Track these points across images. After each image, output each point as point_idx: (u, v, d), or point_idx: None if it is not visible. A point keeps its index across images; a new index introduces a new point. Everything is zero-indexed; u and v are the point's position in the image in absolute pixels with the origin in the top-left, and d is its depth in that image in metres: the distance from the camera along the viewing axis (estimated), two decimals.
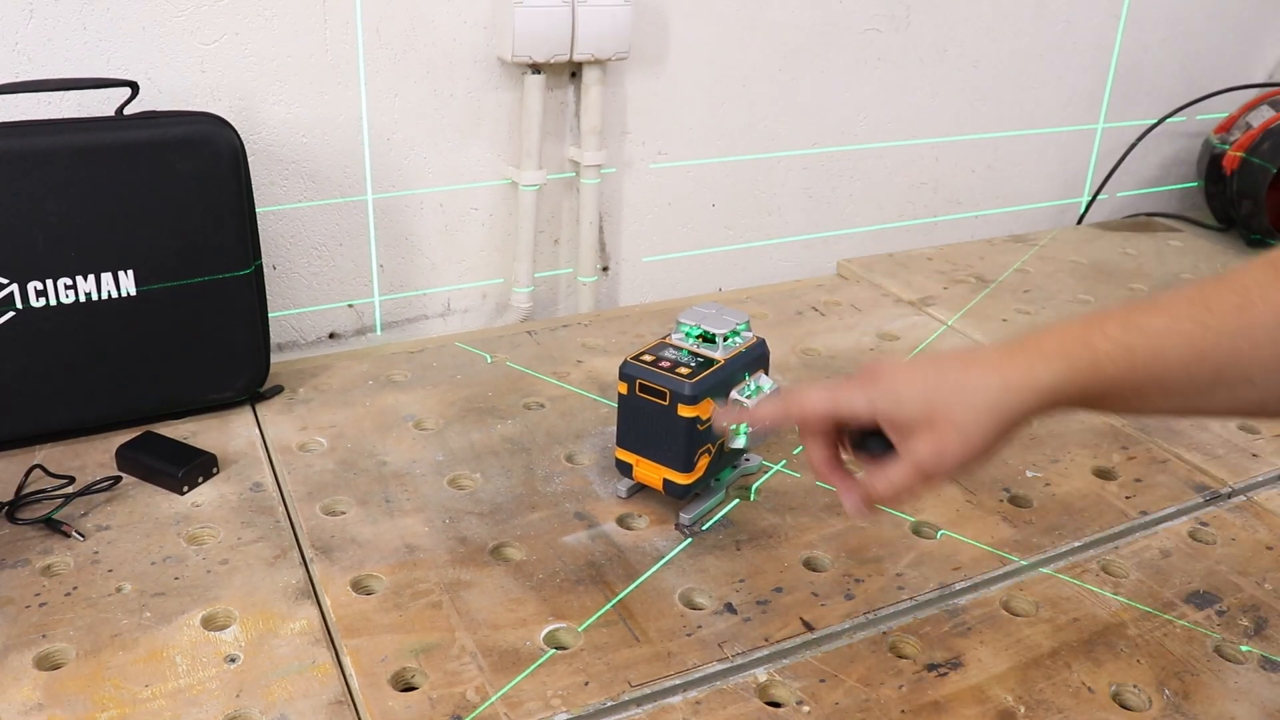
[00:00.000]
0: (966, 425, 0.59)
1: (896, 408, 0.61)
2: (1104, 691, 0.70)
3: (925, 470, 0.60)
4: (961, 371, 0.60)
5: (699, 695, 0.68)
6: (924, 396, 0.60)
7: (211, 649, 0.69)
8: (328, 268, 1.15)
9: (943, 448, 0.59)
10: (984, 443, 0.59)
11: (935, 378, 0.60)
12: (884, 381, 0.62)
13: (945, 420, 0.59)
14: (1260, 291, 0.55)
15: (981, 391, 0.59)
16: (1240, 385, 0.56)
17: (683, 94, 1.27)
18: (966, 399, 0.59)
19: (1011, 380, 0.59)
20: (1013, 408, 0.58)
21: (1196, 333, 0.56)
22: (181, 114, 0.91)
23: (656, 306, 1.27)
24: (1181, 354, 0.56)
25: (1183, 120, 1.67)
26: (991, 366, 0.59)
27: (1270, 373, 0.55)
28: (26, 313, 0.86)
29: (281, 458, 0.91)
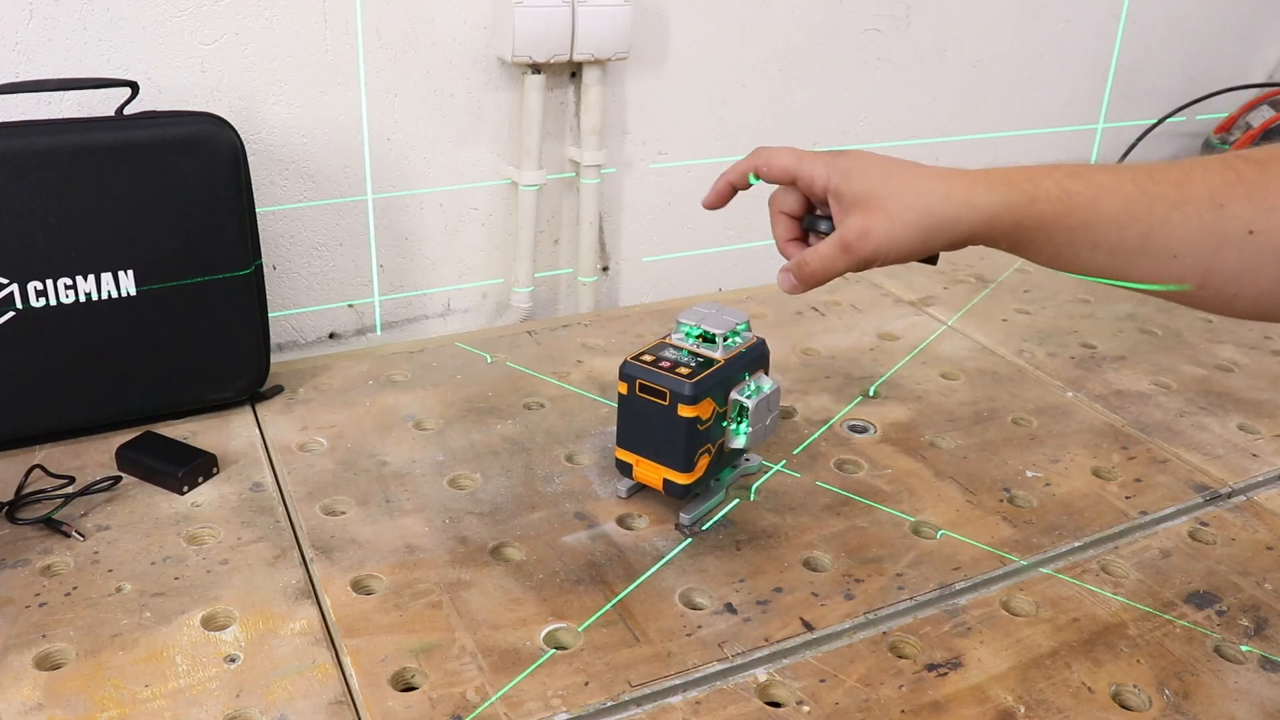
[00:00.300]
0: (896, 214, 0.64)
1: (845, 183, 0.66)
2: (1104, 691, 0.70)
3: (846, 243, 0.66)
4: (914, 172, 0.65)
5: (699, 695, 0.68)
6: (871, 181, 0.65)
7: (211, 649, 0.69)
8: (328, 268, 1.15)
9: (867, 227, 0.64)
10: (907, 237, 0.64)
11: (888, 170, 0.65)
12: (843, 159, 0.67)
13: (879, 206, 0.64)
14: (1202, 174, 0.59)
15: (923, 194, 0.64)
16: (1163, 256, 0.59)
17: (683, 94, 1.27)
18: (906, 195, 0.64)
19: (953, 192, 0.63)
20: (945, 214, 0.63)
21: (1134, 193, 0.60)
22: (181, 114, 0.91)
23: (656, 306, 1.27)
24: (1115, 209, 0.60)
25: (1183, 120, 1.67)
26: (941, 177, 0.64)
27: (1192, 251, 0.58)
28: (26, 313, 0.86)
29: (281, 458, 0.91)
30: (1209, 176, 0.58)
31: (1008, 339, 1.19)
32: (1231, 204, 0.57)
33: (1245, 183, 0.57)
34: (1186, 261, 0.59)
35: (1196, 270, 0.59)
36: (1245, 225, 0.57)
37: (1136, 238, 0.59)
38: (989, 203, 0.62)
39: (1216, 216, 0.57)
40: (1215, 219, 0.57)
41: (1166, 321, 1.25)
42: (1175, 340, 1.21)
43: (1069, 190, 0.61)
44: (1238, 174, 0.58)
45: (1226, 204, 0.57)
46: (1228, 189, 0.58)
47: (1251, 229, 0.57)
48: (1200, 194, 0.58)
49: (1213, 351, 1.18)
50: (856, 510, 0.87)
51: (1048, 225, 0.62)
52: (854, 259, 0.66)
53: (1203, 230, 0.58)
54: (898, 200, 0.64)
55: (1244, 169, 0.58)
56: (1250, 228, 0.57)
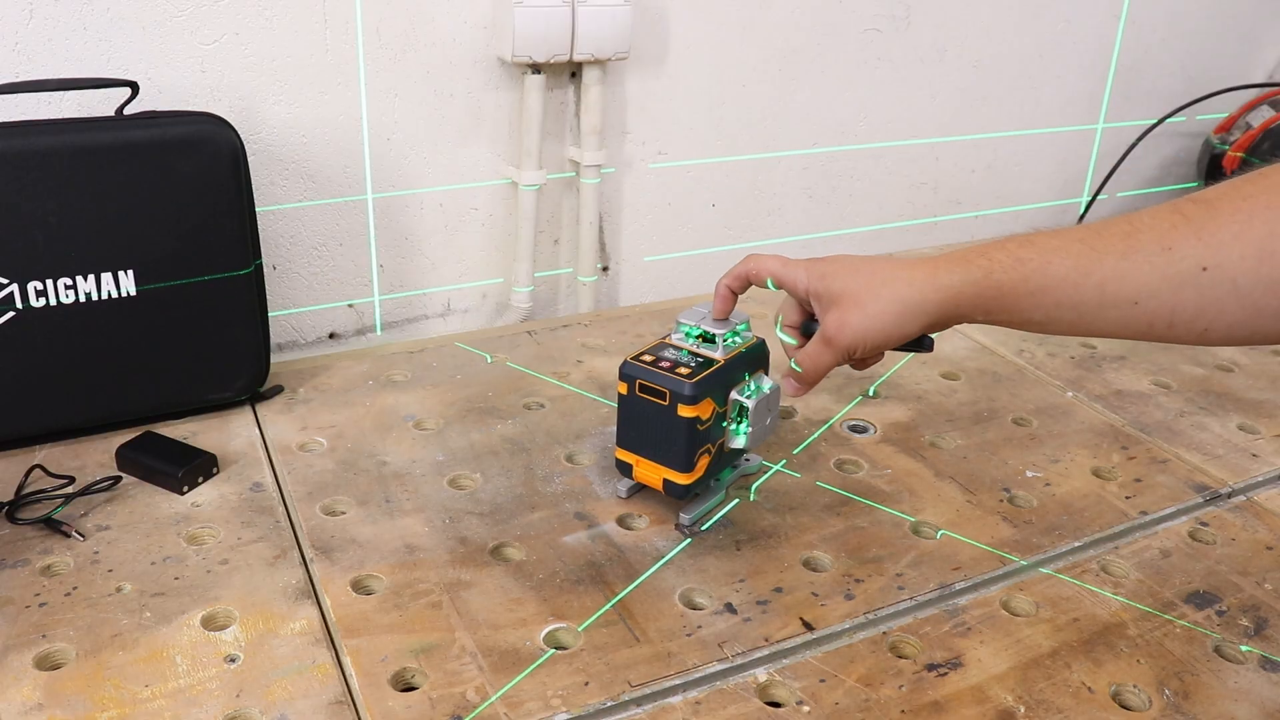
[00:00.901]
0: (868, 305, 0.70)
1: (822, 284, 0.73)
2: (1104, 691, 0.70)
3: (828, 337, 0.72)
4: (883, 267, 0.71)
5: (699, 695, 0.68)
6: (844, 280, 0.72)
7: (211, 649, 0.69)
8: (328, 268, 1.15)
9: (844, 319, 0.71)
10: (881, 323, 0.70)
11: (860, 268, 0.72)
12: (821, 264, 0.74)
13: (853, 300, 0.71)
14: (1150, 223, 0.62)
15: (890, 283, 0.70)
16: (1125, 304, 0.62)
17: (683, 94, 1.27)
18: (875, 287, 0.70)
19: (916, 278, 0.69)
20: (912, 298, 0.69)
21: (1083, 251, 0.63)
22: (181, 114, 0.91)
23: (656, 306, 1.27)
24: (1066, 268, 0.63)
25: (1183, 120, 1.67)
26: (906, 266, 0.71)
27: (1150, 295, 0.61)
28: (26, 313, 0.86)
29: (281, 458, 0.91)
30: (1156, 223, 0.61)
31: (1008, 339, 1.19)
32: (1180, 245, 0.59)
33: (1191, 223, 0.59)
34: (1149, 306, 0.61)
35: (1161, 312, 0.61)
36: (1197, 263, 0.59)
37: (1093, 290, 0.62)
38: (950, 281, 0.68)
39: (1167, 259, 0.60)
40: (1166, 261, 0.60)
41: None
42: None
43: (1020, 258, 0.65)
44: (1184, 216, 0.60)
45: (1175, 246, 0.59)
46: (1174, 231, 0.60)
47: (1204, 265, 0.59)
48: (1148, 241, 0.61)
49: (1213, 351, 1.18)
50: (856, 510, 0.87)
51: (1007, 293, 0.65)
52: (837, 350, 0.72)
53: (1155, 274, 0.60)
54: (868, 293, 0.70)
55: (1190, 210, 0.60)
56: (1203, 264, 0.59)
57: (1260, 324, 0.59)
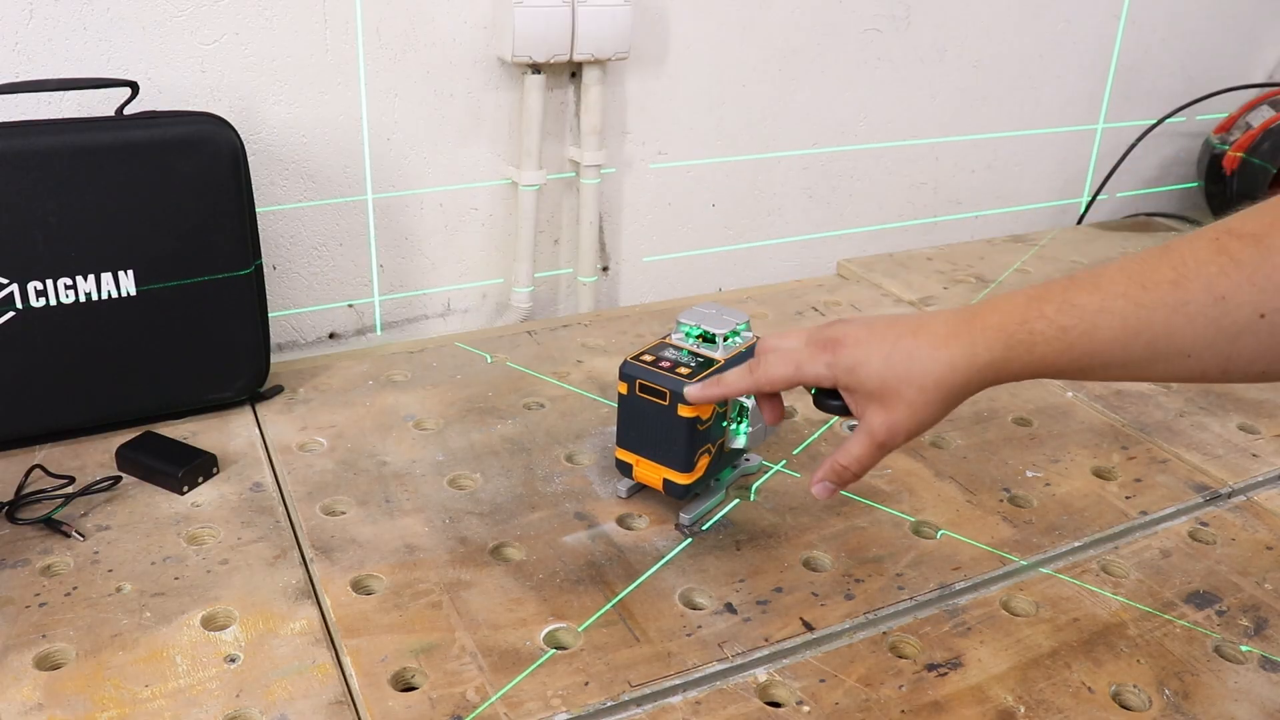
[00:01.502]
0: (916, 402, 0.65)
1: (853, 379, 0.67)
2: (1104, 691, 0.70)
3: (879, 441, 0.67)
4: (911, 345, 0.65)
5: (699, 695, 0.68)
6: (879, 372, 0.66)
7: (211, 649, 0.69)
8: (328, 268, 1.15)
9: (894, 422, 0.66)
10: (931, 416, 0.66)
11: (889, 350, 0.66)
12: (844, 350, 0.67)
13: (896, 396, 0.65)
14: (1196, 267, 0.56)
15: (931, 371, 0.64)
16: (1177, 358, 0.58)
17: (683, 94, 1.27)
18: (917, 378, 0.65)
19: (957, 360, 0.64)
20: (957, 384, 0.64)
21: (1130, 310, 0.58)
22: (181, 114, 0.91)
23: (656, 306, 1.27)
24: (1115, 332, 0.59)
25: (1183, 120, 1.67)
26: (940, 343, 0.64)
27: (1205, 346, 0.57)
28: (26, 313, 0.86)
29: (281, 458, 0.91)
30: (1204, 268, 0.56)
31: None
32: (1234, 294, 0.55)
33: (1243, 268, 0.55)
34: (1203, 357, 0.57)
35: (1214, 363, 0.57)
36: (1254, 310, 0.55)
37: (1143, 350, 0.59)
38: (990, 360, 0.63)
39: (1221, 310, 0.56)
40: (1220, 312, 0.56)
41: None
42: None
43: (1062, 327, 0.61)
44: (1232, 259, 0.56)
45: (1228, 294, 0.55)
46: (1225, 278, 0.55)
47: (1262, 313, 0.55)
48: (1198, 291, 0.56)
49: None
50: (856, 510, 0.87)
51: (1053, 363, 0.62)
52: (888, 450, 0.68)
53: (1210, 327, 0.56)
54: (909, 385, 0.65)
55: (1238, 251, 0.56)
56: (1260, 312, 0.55)
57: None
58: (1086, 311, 0.60)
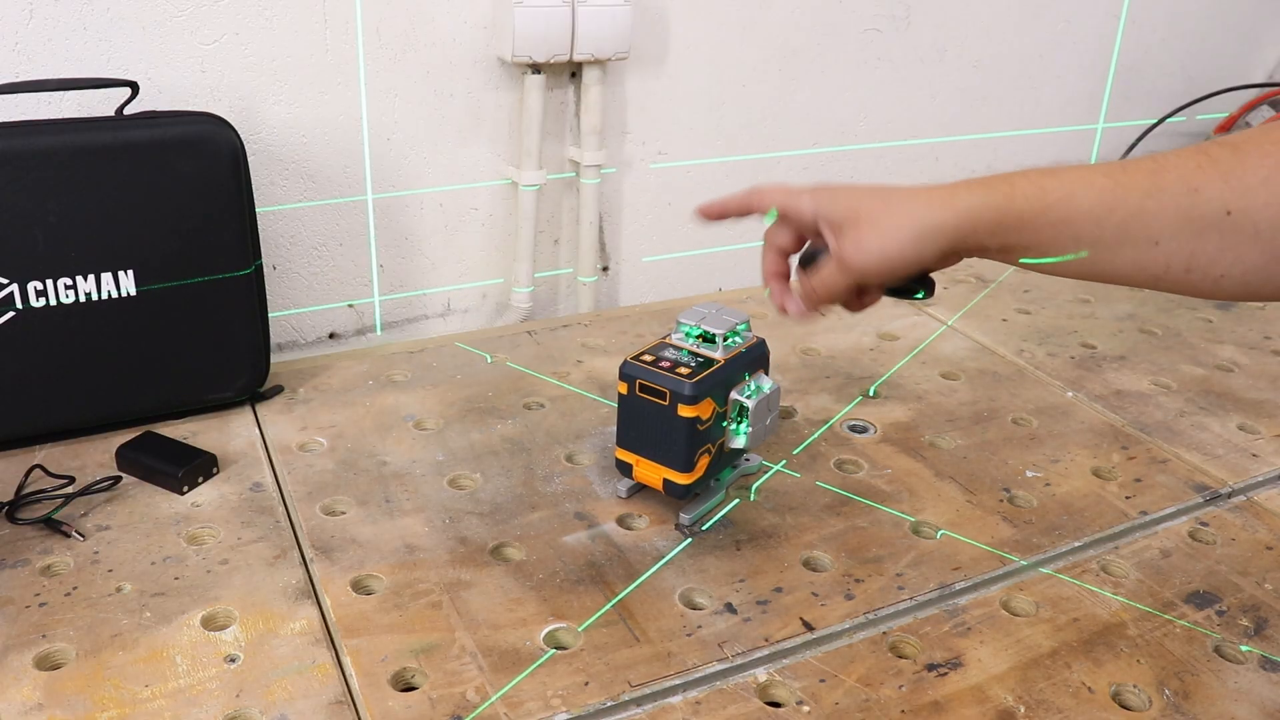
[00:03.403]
0: (885, 226, 0.66)
1: (832, 206, 0.69)
2: (1104, 691, 0.70)
3: (844, 260, 0.68)
4: (897, 191, 0.68)
5: (699, 695, 0.68)
6: (856, 200, 0.68)
7: (211, 649, 0.69)
8: (328, 268, 1.15)
9: (860, 241, 0.67)
10: (899, 245, 0.66)
11: (872, 190, 0.69)
12: (828, 188, 0.70)
13: (868, 220, 0.67)
14: (1175, 161, 0.60)
15: (906, 203, 0.66)
16: (1145, 244, 0.60)
17: (683, 94, 1.27)
18: (892, 206, 0.67)
19: (933, 198, 0.66)
20: (930, 219, 0.65)
21: (1108, 185, 0.61)
22: (181, 114, 0.91)
23: (656, 306, 1.27)
24: (1091, 201, 0.61)
25: (1183, 120, 1.67)
26: (922, 191, 0.67)
27: (1172, 236, 0.59)
28: (26, 313, 0.86)
29: (281, 458, 0.91)
30: (1182, 163, 0.59)
31: (1008, 339, 1.19)
32: (1206, 187, 0.58)
33: (1219, 165, 0.58)
34: (1169, 247, 0.59)
35: (1180, 255, 0.59)
36: (1222, 206, 0.58)
37: (1115, 228, 0.61)
38: (969, 203, 0.65)
39: (1192, 201, 0.58)
40: (1191, 203, 0.58)
41: (1167, 321, 1.25)
42: (1175, 340, 1.21)
43: (1044, 187, 0.63)
44: (1210, 158, 0.59)
45: (1201, 187, 0.58)
46: (1201, 172, 0.58)
47: (1229, 209, 0.57)
48: (1173, 180, 0.59)
49: (1213, 351, 1.18)
50: (856, 510, 0.87)
51: (1027, 222, 0.63)
52: (851, 272, 0.69)
53: (1179, 215, 0.59)
54: (884, 212, 0.67)
55: (1217, 153, 0.59)
56: (1227, 208, 0.57)
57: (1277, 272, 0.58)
58: (1068, 180, 0.62)
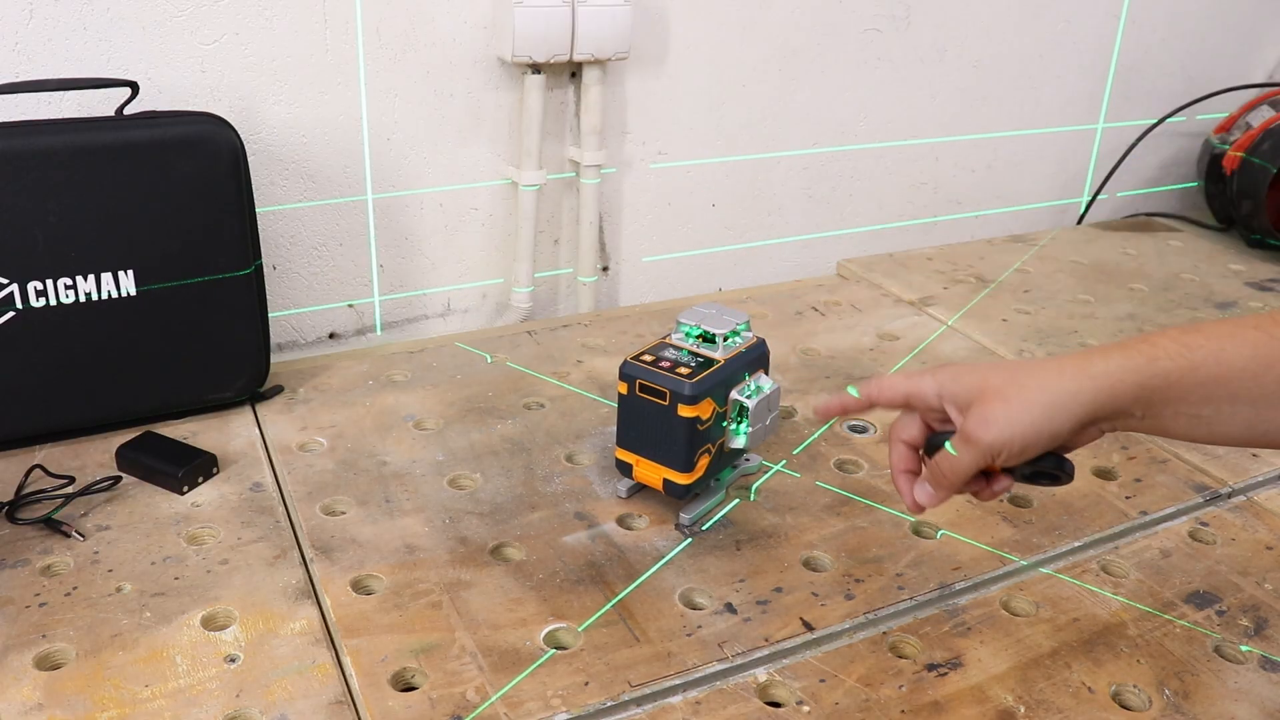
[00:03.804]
0: (1013, 397, 0.61)
1: (956, 384, 0.65)
2: (1104, 691, 0.70)
3: (967, 435, 0.62)
4: (1026, 365, 0.63)
5: (699, 695, 0.68)
6: (982, 375, 0.64)
7: (211, 649, 0.69)
8: (328, 268, 1.15)
9: (986, 414, 0.62)
10: (1030, 416, 0.61)
11: (1000, 368, 0.64)
12: (954, 368, 0.66)
13: (995, 393, 0.62)
14: None
15: (1037, 377, 0.61)
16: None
17: (683, 94, 1.27)
18: (1020, 379, 0.62)
19: (1067, 366, 0.61)
20: (1063, 388, 0.60)
21: (1262, 339, 0.56)
22: (181, 114, 0.91)
23: (656, 306, 1.27)
24: (1246, 357, 0.56)
25: (1183, 120, 1.67)
26: (1054, 362, 0.62)
27: None
28: (26, 313, 0.86)
29: (281, 458, 0.91)
30: None
31: (1008, 339, 1.19)
32: None
33: None
34: None
35: None
36: None
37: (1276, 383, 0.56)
38: (1106, 369, 0.60)
39: None
40: None
41: (1166, 321, 1.25)
42: None
43: (1189, 344, 0.58)
44: None
45: None
46: None
47: None
48: None
49: None
50: (856, 510, 0.87)
51: (1175, 383, 0.58)
52: (979, 450, 0.63)
53: None
54: (1013, 385, 0.62)
55: None
56: None
57: None
58: (1215, 335, 0.57)
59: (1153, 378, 0.59)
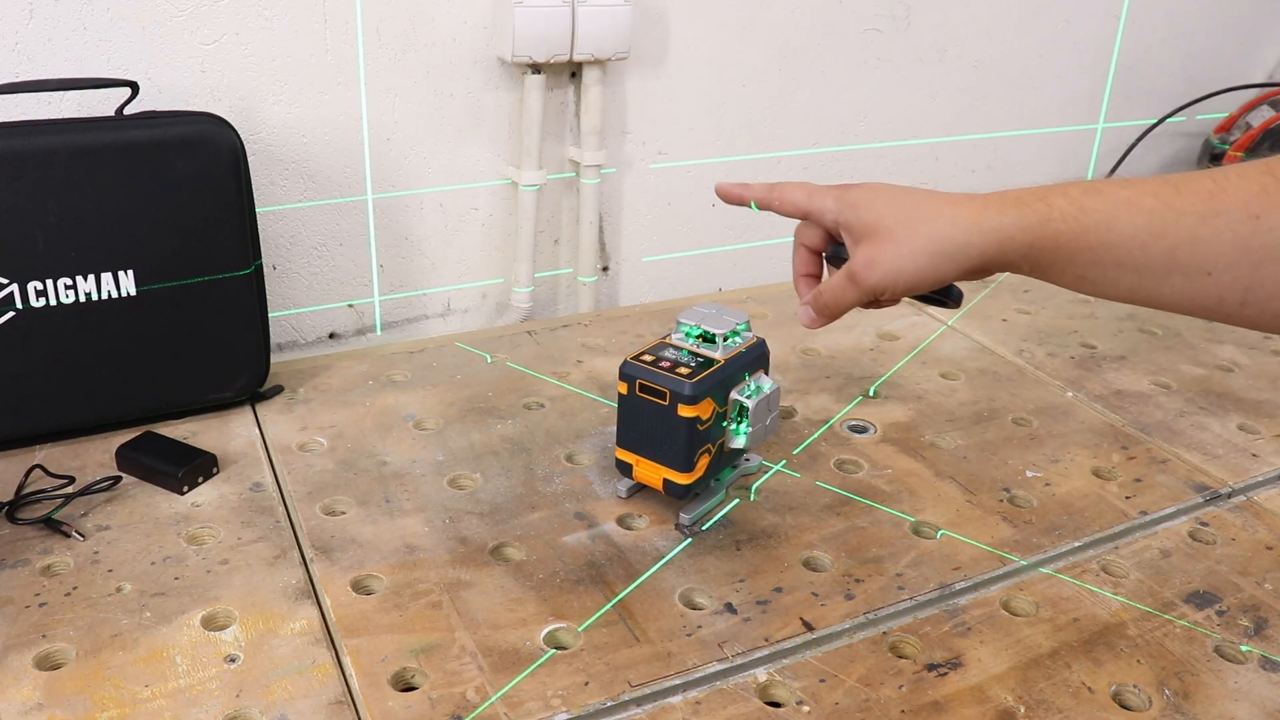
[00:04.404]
0: (902, 241, 0.62)
1: (853, 214, 0.65)
2: (1104, 691, 0.70)
3: (853, 273, 0.64)
4: (924, 200, 0.63)
5: (699, 695, 0.68)
6: (878, 211, 0.63)
7: (211, 649, 0.69)
8: (328, 268, 1.15)
9: (873, 256, 0.63)
10: (915, 264, 0.61)
11: (897, 199, 0.63)
12: (854, 192, 0.66)
13: (886, 234, 0.62)
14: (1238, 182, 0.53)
15: (930, 219, 0.61)
16: (1197, 274, 0.54)
17: (683, 94, 1.27)
18: (913, 222, 0.62)
19: (959, 216, 0.61)
20: (953, 238, 0.60)
21: (1157, 208, 0.55)
22: (181, 114, 0.91)
23: (656, 306, 1.27)
24: (1138, 226, 0.56)
25: (1183, 120, 1.67)
26: (950, 202, 0.62)
27: (1228, 266, 0.53)
28: (26, 313, 0.86)
29: (281, 458, 0.91)
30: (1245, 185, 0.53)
31: (1008, 339, 1.19)
32: (1269, 214, 0.52)
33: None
34: (1223, 279, 0.54)
35: (1235, 287, 0.54)
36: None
37: (1163, 255, 0.55)
38: (999, 224, 0.59)
39: (1253, 229, 0.52)
40: (1251, 231, 0.52)
41: (1166, 321, 1.25)
42: (1175, 340, 1.21)
43: (1085, 208, 0.57)
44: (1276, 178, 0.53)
45: (1263, 214, 0.52)
46: (1265, 197, 0.52)
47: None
48: (1233, 204, 0.53)
49: (1213, 351, 1.18)
50: (856, 510, 0.87)
51: (1064, 245, 0.58)
52: (861, 289, 0.64)
53: (1237, 244, 0.53)
54: (904, 228, 0.62)
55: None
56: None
57: None
58: (1112, 199, 0.57)
59: (1043, 238, 0.59)
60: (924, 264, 0.61)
